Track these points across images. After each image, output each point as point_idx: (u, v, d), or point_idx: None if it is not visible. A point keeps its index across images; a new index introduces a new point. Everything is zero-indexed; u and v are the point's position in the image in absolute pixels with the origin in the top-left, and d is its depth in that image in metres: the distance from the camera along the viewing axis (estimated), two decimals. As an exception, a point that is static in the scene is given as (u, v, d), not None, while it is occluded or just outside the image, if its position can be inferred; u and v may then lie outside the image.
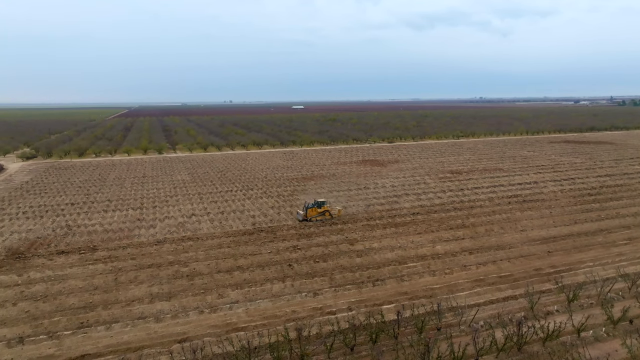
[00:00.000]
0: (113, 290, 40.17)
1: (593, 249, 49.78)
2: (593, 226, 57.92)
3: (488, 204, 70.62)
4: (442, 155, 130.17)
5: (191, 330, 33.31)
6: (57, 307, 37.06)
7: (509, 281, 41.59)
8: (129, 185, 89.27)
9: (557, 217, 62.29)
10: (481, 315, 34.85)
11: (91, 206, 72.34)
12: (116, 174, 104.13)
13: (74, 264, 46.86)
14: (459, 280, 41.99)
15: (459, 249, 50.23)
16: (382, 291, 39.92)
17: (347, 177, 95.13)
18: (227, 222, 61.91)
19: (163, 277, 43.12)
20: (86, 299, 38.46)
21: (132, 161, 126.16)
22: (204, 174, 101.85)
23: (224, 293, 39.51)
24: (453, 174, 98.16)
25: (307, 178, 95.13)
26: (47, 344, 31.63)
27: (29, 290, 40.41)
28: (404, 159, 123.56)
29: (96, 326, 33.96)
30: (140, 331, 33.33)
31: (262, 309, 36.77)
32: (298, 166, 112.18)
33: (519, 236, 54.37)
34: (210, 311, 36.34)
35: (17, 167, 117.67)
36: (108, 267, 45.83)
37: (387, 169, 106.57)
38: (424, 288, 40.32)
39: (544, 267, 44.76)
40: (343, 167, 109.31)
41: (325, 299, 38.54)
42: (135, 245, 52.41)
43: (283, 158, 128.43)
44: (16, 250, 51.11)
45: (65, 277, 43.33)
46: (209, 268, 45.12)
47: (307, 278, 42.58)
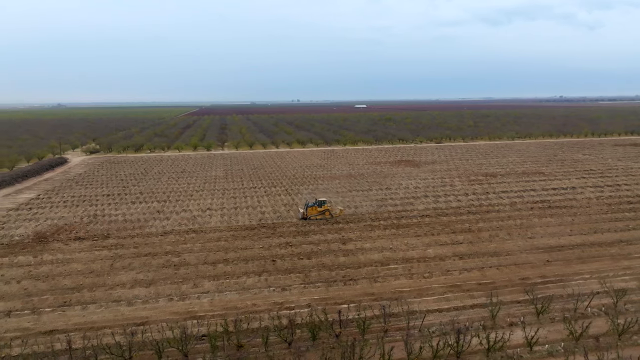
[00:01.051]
0: (104, 275, 43.75)
1: (599, 261, 46.25)
2: (613, 237, 53.58)
3: (508, 208, 67.39)
4: (486, 157, 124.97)
5: (153, 316, 35.69)
6: (51, 287, 41.15)
7: (487, 289, 39.90)
8: (165, 180, 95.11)
9: (577, 225, 58.25)
10: (436, 321, 34.00)
11: (123, 198, 78.24)
12: (159, 168, 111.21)
13: (83, 249, 51.45)
14: (434, 285, 41.00)
15: (451, 253, 48.80)
16: (350, 291, 40.04)
17: (373, 177, 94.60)
18: (236, 217, 64.43)
19: (153, 265, 46.17)
20: (78, 281, 42.27)
21: (179, 157, 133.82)
22: (238, 171, 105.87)
23: (200, 283, 41.65)
24: (486, 176, 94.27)
25: (333, 177, 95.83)
26: (28, 318, 35.41)
27: (36, 271, 45.10)
28: (443, 160, 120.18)
29: (75, 306, 37.39)
30: (110, 313, 36.25)
31: (226, 300, 38.43)
32: (330, 165, 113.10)
33: (523, 243, 51.66)
34: (179, 299, 38.58)
35: (78, 161, 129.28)
36: (110, 253, 49.80)
37: (419, 169, 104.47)
38: (393, 290, 39.88)
39: (532, 277, 42.42)
40: (374, 167, 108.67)
41: (291, 294, 39.41)
42: (143, 235, 56.30)
43: (320, 157, 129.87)
44: (42, 235, 56.90)
45: (71, 260, 47.76)
46: (197, 259, 47.59)
47: (284, 274, 43.65)
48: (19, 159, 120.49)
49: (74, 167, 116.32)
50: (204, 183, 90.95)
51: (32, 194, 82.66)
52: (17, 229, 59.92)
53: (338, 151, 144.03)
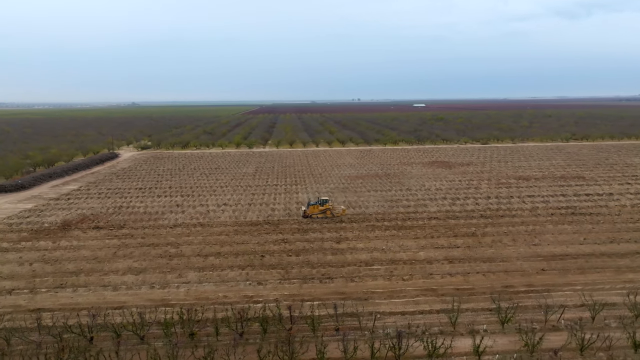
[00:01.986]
0: (105, 262, 47.29)
1: (600, 272, 43.28)
2: (629, 248, 49.74)
3: (526, 214, 64.28)
4: (528, 159, 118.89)
5: (130, 301, 38.30)
6: (55, 270, 45.19)
7: (462, 294, 38.80)
8: (197, 176, 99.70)
9: (594, 234, 54.57)
10: (396, 323, 33.68)
11: (152, 191, 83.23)
12: (196, 165, 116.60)
13: (97, 237, 55.73)
14: (409, 287, 40.46)
15: (442, 257, 47.68)
16: (322, 289, 40.50)
17: (398, 178, 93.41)
18: (247, 213, 66.58)
19: (151, 255, 49.16)
20: (80, 266, 46.05)
21: (219, 154, 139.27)
22: (269, 168, 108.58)
23: (184, 274, 43.91)
24: (519, 180, 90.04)
25: (359, 177, 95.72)
26: (24, 297, 39.31)
27: (49, 255, 49.60)
28: (480, 161, 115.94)
29: (67, 288, 40.91)
30: (94, 296, 39.32)
31: (202, 290, 40.31)
32: (361, 164, 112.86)
33: (525, 250, 49.33)
34: (159, 287, 41.00)
35: (128, 156, 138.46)
36: (119, 242, 53.57)
37: (450, 171, 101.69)
38: (365, 291, 39.85)
39: (516, 285, 40.63)
40: (404, 168, 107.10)
41: (265, 289, 40.56)
42: (154, 227, 59.88)
43: (355, 156, 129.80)
44: (68, 223, 62.17)
45: (82, 247, 51.98)
46: (192, 251, 50.04)
47: (266, 269, 44.90)
48: (76, 153, 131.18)
49: (121, 162, 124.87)
50: (231, 179, 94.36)
51: (75, 186, 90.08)
52: (50, 216, 65.85)
53: (375, 151, 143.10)
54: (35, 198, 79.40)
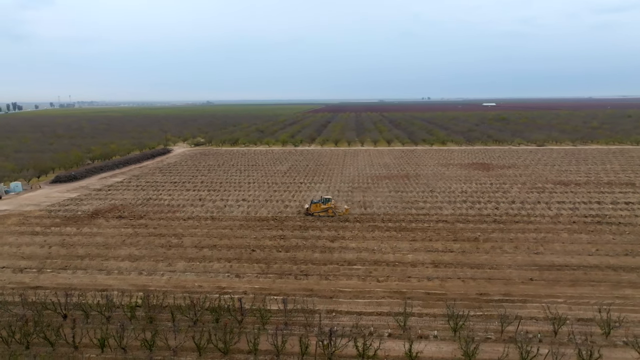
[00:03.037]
0: (111, 248, 51.50)
1: (594, 286, 40.30)
2: None
3: (545, 220, 60.69)
4: (580, 162, 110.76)
5: (116, 284, 41.67)
6: (67, 253, 50.02)
7: (432, 299, 38.06)
8: (232, 172, 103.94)
9: (611, 245, 50.59)
10: (349, 323, 33.93)
11: (183, 185, 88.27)
12: (235, 161, 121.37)
13: (115, 226, 60.57)
14: (378, 289, 40.26)
15: (430, 260, 46.69)
16: (293, 285, 41.44)
17: (427, 179, 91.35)
18: (260, 208, 68.80)
19: (154, 244, 52.73)
20: (88, 251, 50.56)
21: (262, 152, 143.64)
22: (303, 167, 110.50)
23: (174, 263, 46.77)
24: (556, 184, 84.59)
25: (387, 177, 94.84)
26: (30, 275, 44.11)
27: (69, 240, 54.86)
28: (524, 164, 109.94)
29: (69, 270, 45.24)
30: (87, 279, 43.19)
31: (182, 279, 42.81)
32: (396, 165, 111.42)
33: (522, 259, 46.93)
34: (147, 274, 44.09)
35: (179, 152, 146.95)
36: (132, 231, 57.90)
37: (486, 173, 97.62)
38: (333, 289, 40.25)
39: (492, 294, 38.99)
40: (439, 169, 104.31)
41: (240, 282, 42.25)
42: (169, 218, 63.85)
43: (394, 156, 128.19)
44: (97, 212, 68.00)
45: (98, 234, 56.87)
46: (191, 243, 52.95)
47: (250, 263, 46.60)
48: (133, 148, 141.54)
49: (170, 157, 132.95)
50: (261, 176, 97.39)
51: (120, 178, 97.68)
52: (86, 205, 72.36)
53: (418, 151, 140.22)
54: (81, 188, 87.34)
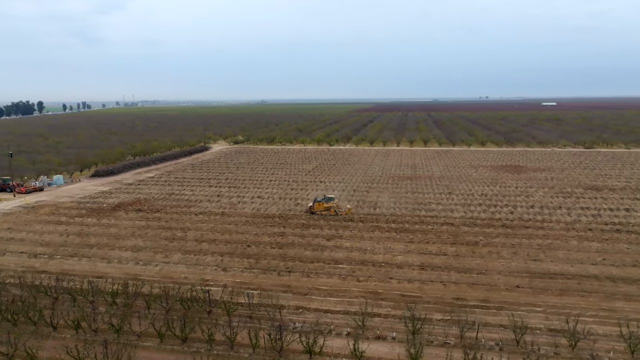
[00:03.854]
0: (120, 239, 54.86)
1: (584, 296, 38.27)
2: None
3: (558, 226, 57.88)
4: (626, 167, 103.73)
5: (112, 272, 44.52)
6: (80, 242, 53.88)
7: (404, 301, 37.73)
8: (259, 169, 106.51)
9: (621, 255, 47.67)
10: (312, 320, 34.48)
11: (208, 181, 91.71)
12: (266, 159, 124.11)
13: (131, 218, 64.29)
14: (354, 288, 40.41)
15: (419, 263, 46.11)
16: (273, 280, 42.42)
17: (451, 181, 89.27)
18: (271, 206, 70.37)
19: (159, 236, 55.57)
20: (99, 241, 54.18)
21: (294, 150, 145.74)
22: (328, 166, 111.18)
23: (171, 255, 49.17)
24: (588, 189, 80.00)
25: (410, 177, 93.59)
26: (41, 261, 48.03)
27: (86, 230, 58.99)
28: (560, 167, 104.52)
29: (75, 257, 48.79)
30: (88, 266, 46.44)
31: (171, 271, 45.01)
32: (425, 165, 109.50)
33: (517, 265, 45.25)
34: (143, 264, 46.71)
35: (216, 149, 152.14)
36: (144, 223, 61.24)
37: (515, 176, 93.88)
38: (310, 287, 40.85)
39: (469, 299, 38.05)
40: (467, 170, 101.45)
41: (224, 275, 43.79)
42: (183, 213, 66.84)
43: (426, 157, 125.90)
44: (119, 205, 72.32)
45: (113, 225, 60.67)
46: (194, 237, 55.29)
47: (240, 257, 48.09)
48: (172, 145, 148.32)
49: (206, 155, 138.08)
50: (285, 174, 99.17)
51: (153, 174, 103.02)
52: (112, 198, 77.20)
53: (453, 152, 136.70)
54: (115, 182, 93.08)
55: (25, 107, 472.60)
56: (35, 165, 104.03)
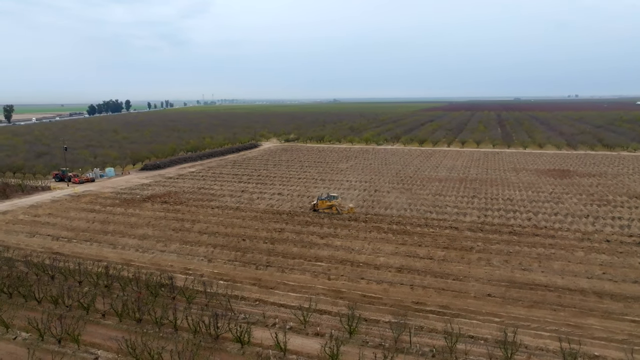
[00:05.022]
0: (133, 228, 59.60)
1: (556, 310, 35.94)
2: None
3: (571, 236, 54.06)
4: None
5: (111, 257, 48.81)
6: (99, 229, 59.35)
7: (361, 301, 37.81)
8: (295, 167, 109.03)
9: (627, 270, 43.87)
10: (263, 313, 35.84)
11: (240, 177, 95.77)
12: (307, 157, 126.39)
13: (154, 209, 69.31)
14: (319, 286, 41.07)
15: (398, 265, 45.60)
16: (248, 273, 44.17)
17: (483, 184, 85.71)
18: (285, 203, 72.29)
19: (169, 227, 59.55)
20: (116, 228, 59.28)
21: (338, 149, 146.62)
22: (366, 166, 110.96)
23: (169, 244, 52.69)
24: (632, 198, 73.28)
25: (443, 179, 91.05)
26: (59, 243, 53.68)
27: (111, 218, 64.69)
28: (616, 173, 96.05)
29: (87, 242, 53.90)
30: (95, 250, 51.15)
31: (162, 259, 48.33)
32: (465, 168, 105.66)
33: (501, 273, 43.28)
34: (141, 251, 50.59)
35: (265, 147, 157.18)
36: (163, 214, 65.83)
37: (558, 181, 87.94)
38: (279, 281, 42.13)
39: (429, 304, 37.22)
40: (506, 174, 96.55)
41: (207, 265, 46.29)
42: (201, 206, 70.81)
43: (471, 158, 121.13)
44: (150, 197, 78.04)
45: (135, 215, 65.90)
46: (199, 229, 58.60)
47: (230, 250, 50.42)
48: (224, 142, 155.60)
49: (253, 152, 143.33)
50: (316, 172, 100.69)
51: (195, 169, 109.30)
52: (147, 191, 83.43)
53: (504, 154, 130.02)
54: (158, 176, 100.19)
55: (115, 105, 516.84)
56: (96, 159, 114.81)
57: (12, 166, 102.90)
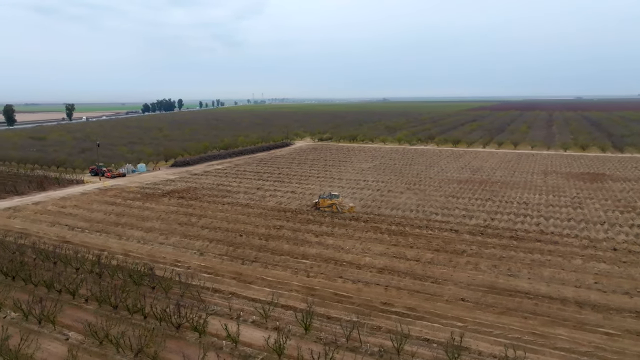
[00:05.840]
0: (144, 221, 62.85)
1: (526, 319, 34.73)
2: (635, 304, 36.64)
3: (576, 243, 51.59)
4: None
5: (114, 247, 51.92)
6: (113, 221, 63.10)
7: (331, 300, 38.24)
8: (318, 166, 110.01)
9: (623, 280, 41.61)
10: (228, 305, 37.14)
11: (260, 175, 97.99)
12: (334, 156, 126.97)
13: (169, 204, 72.59)
14: (294, 282, 41.82)
15: (381, 266, 45.47)
16: (232, 267, 45.64)
17: (503, 187, 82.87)
18: (294, 200, 73.43)
19: (176, 221, 62.30)
20: (127, 221, 62.79)
21: (368, 149, 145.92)
22: (386, 165, 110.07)
23: (170, 237, 55.26)
24: (663, 205, 68.28)
25: (462, 181, 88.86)
26: (72, 233, 57.71)
27: (127, 211, 68.54)
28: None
29: (97, 232, 57.55)
30: (101, 240, 54.50)
31: (159, 250, 50.80)
32: (491, 169, 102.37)
33: (484, 278, 42.21)
34: (142, 243, 53.39)
35: (296, 146, 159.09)
36: (175, 209, 68.90)
37: (586, 185, 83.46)
38: (258, 276, 43.22)
39: (397, 306, 37.01)
40: (532, 177, 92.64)
41: (196, 259, 48.19)
42: (213, 202, 73.34)
43: (501, 160, 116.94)
44: (171, 192, 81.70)
45: (149, 209, 69.38)
46: (203, 223, 60.89)
47: (223, 245, 52.13)
48: (257, 141, 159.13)
49: (283, 150, 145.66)
50: (336, 172, 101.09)
51: (222, 166, 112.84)
52: (169, 186, 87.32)
53: (540, 155, 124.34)
54: (185, 172, 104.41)
55: (167, 104, 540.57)
56: (132, 155, 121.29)
57: (56, 160, 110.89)
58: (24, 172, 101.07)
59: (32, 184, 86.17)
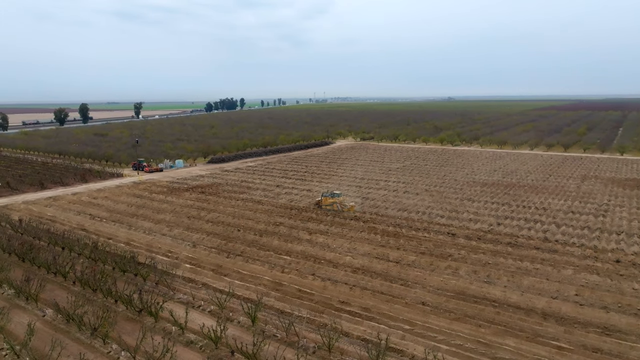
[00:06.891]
0: (158, 213, 67.00)
1: (479, 327, 33.69)
2: (614, 320, 34.33)
3: (577, 252, 48.57)
4: None
5: (120, 236, 56.04)
6: (132, 212, 67.84)
7: (295, 296, 39.22)
8: (347, 165, 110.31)
9: (610, 295, 38.98)
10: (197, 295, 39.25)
11: (286, 173, 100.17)
12: (367, 156, 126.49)
13: (189, 198, 76.56)
14: (266, 277, 43.20)
15: (358, 266, 45.68)
16: (216, 260, 47.77)
17: (527, 191, 78.88)
18: (305, 199, 74.51)
19: (187, 214, 65.79)
20: (144, 213, 67.23)
21: (407, 148, 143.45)
22: (415, 166, 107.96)
23: (174, 228, 58.64)
24: (701, 216, 61.97)
25: (488, 184, 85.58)
26: (92, 222, 62.81)
27: (148, 203, 73.26)
28: None
29: (114, 222, 62.29)
30: (112, 230, 58.97)
31: (157, 241, 54.15)
32: (525, 172, 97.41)
33: (456, 284, 41.24)
34: (147, 233, 57.17)
35: (335, 145, 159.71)
36: (192, 203, 72.66)
37: (623, 192, 77.40)
38: (235, 270, 45.08)
39: (354, 306, 37.23)
40: (567, 182, 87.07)
41: (187, 250, 50.92)
42: (229, 197, 76.43)
43: (541, 163, 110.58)
44: (195, 187, 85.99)
45: (168, 202, 73.63)
46: (211, 217, 63.89)
47: (219, 239, 54.53)
48: (297, 139, 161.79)
49: (321, 149, 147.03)
50: (363, 171, 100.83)
51: (254, 164, 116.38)
52: (197, 181, 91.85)
53: (588, 159, 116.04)
54: (217, 169, 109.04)
55: (230, 103, 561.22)
56: (174, 151, 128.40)
57: (104, 155, 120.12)
58: (74, 165, 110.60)
59: (77, 176, 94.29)
